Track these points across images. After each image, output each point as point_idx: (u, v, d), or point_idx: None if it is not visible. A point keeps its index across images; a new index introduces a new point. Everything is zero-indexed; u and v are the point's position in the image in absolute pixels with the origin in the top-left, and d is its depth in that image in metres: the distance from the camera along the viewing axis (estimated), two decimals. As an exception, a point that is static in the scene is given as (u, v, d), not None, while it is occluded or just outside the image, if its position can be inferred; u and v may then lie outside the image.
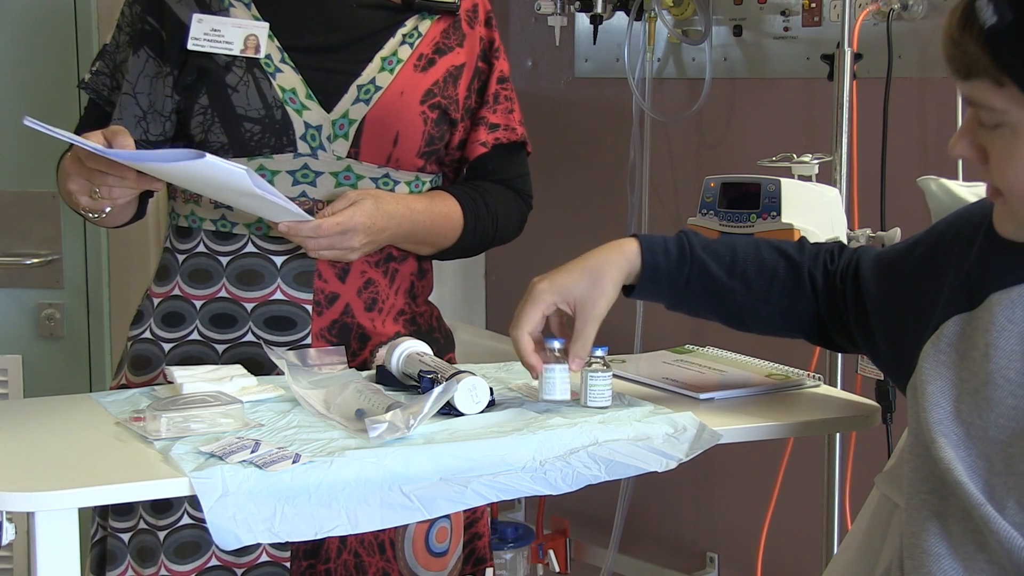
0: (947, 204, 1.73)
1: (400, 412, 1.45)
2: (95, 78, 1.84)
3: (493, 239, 1.93)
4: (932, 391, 1.29)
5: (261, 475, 1.33)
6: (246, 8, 1.78)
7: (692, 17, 3.00)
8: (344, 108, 1.77)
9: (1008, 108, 1.18)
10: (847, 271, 1.54)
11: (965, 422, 1.26)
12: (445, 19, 1.85)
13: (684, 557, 3.20)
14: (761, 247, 1.57)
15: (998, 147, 1.22)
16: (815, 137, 2.76)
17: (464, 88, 1.86)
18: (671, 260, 1.55)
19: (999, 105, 1.19)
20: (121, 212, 1.79)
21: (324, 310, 1.78)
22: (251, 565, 1.73)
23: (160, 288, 1.84)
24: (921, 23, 2.61)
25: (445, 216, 1.84)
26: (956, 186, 1.69)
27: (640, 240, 1.56)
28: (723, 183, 1.86)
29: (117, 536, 1.77)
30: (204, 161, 1.51)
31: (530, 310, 1.55)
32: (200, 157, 1.51)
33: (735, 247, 1.56)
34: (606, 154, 3.27)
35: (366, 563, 1.77)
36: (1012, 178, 1.22)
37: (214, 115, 1.75)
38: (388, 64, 1.80)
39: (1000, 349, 1.25)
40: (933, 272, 1.39)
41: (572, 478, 1.46)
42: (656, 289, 1.57)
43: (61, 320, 2.97)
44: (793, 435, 1.97)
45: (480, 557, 1.94)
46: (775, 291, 1.56)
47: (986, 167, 1.25)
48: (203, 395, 1.52)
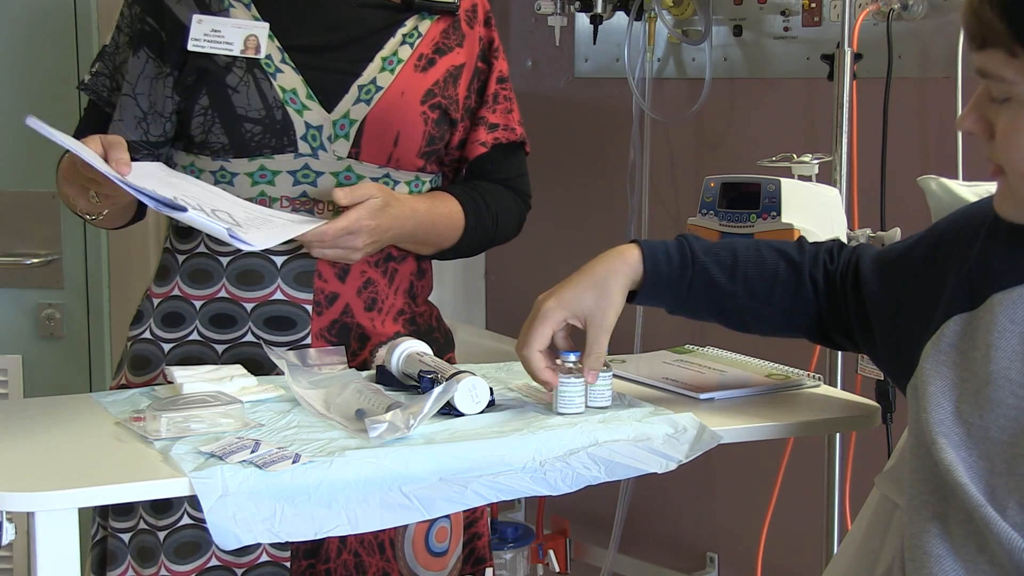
0: (947, 203, 1.73)
1: (400, 412, 1.45)
2: (95, 79, 1.83)
3: (493, 239, 1.93)
4: (933, 391, 1.29)
5: (261, 475, 1.33)
6: (246, 9, 1.78)
7: (692, 17, 3.00)
8: (345, 108, 1.77)
9: (1018, 80, 1.19)
10: (847, 270, 1.54)
11: (966, 422, 1.26)
12: (445, 19, 1.85)
13: (684, 557, 3.20)
14: (761, 249, 1.57)
15: (1004, 121, 1.22)
16: (815, 137, 2.76)
17: (464, 88, 1.86)
18: (673, 266, 1.55)
19: (1010, 76, 1.20)
20: (120, 214, 1.79)
21: (324, 310, 1.78)
22: (251, 565, 1.73)
23: (160, 288, 1.84)
24: (921, 23, 2.61)
25: (447, 217, 1.84)
26: (956, 185, 1.69)
27: (641, 247, 1.56)
28: (723, 183, 1.86)
29: (117, 536, 1.77)
30: (186, 215, 1.53)
31: (539, 328, 1.55)
32: (182, 211, 1.52)
33: (735, 250, 1.56)
34: (606, 154, 3.27)
35: (366, 563, 1.77)
36: (1015, 153, 1.22)
37: (215, 116, 1.74)
38: (389, 64, 1.80)
39: (1001, 350, 1.25)
40: (934, 272, 1.39)
41: (572, 479, 1.46)
42: (659, 295, 1.57)
43: (61, 320, 2.97)
44: (793, 435, 1.96)
45: (480, 557, 1.94)
46: (777, 293, 1.56)
47: (991, 144, 1.25)
48: (203, 395, 1.52)
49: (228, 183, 1.77)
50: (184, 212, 1.53)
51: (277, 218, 1.72)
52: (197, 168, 1.79)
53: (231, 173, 1.77)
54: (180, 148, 1.81)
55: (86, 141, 1.59)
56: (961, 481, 1.23)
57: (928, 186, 1.69)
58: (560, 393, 1.56)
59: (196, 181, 1.76)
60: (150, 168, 1.73)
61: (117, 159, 1.57)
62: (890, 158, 2.52)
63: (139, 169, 1.64)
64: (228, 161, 1.76)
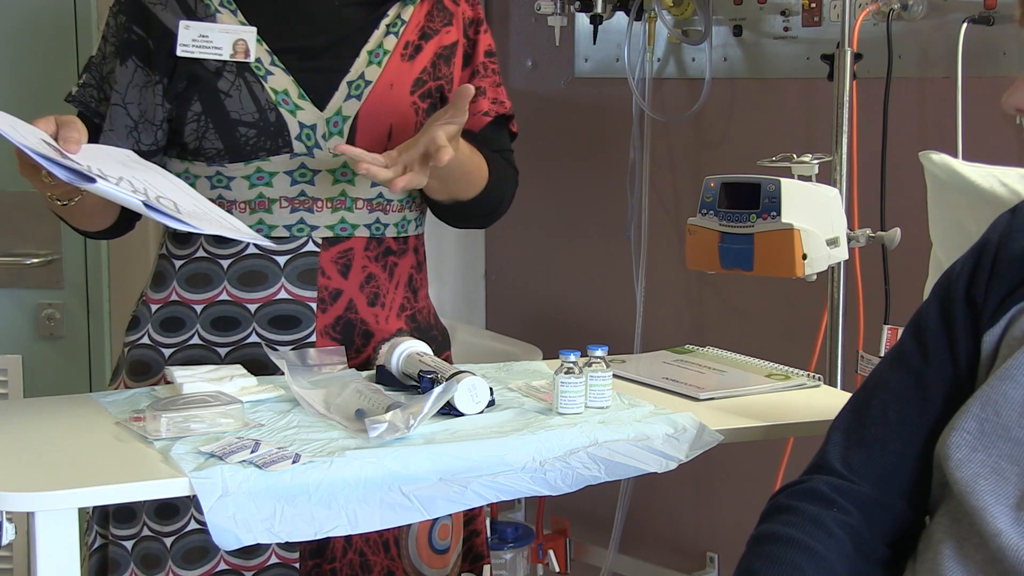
0: (945, 181, 1.72)
1: (400, 412, 1.45)
2: (83, 90, 1.81)
3: (500, 204, 1.91)
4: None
5: (261, 475, 1.33)
6: (232, 14, 1.77)
7: (692, 17, 3.00)
8: (337, 105, 1.77)
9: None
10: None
11: (979, 418, 1.25)
12: (428, 1, 1.85)
13: (684, 557, 3.20)
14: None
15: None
16: (815, 137, 2.76)
17: (459, 68, 1.86)
18: None
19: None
20: (98, 209, 1.73)
21: (328, 307, 1.78)
22: (260, 567, 1.73)
23: (156, 294, 1.82)
24: (921, 23, 2.60)
25: (478, 166, 1.83)
26: (957, 163, 1.68)
27: None
28: (723, 183, 1.85)
29: (119, 544, 1.76)
30: (95, 186, 1.45)
31: None
32: (91, 182, 1.45)
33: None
34: (606, 154, 3.27)
35: (371, 562, 1.77)
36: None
37: (208, 122, 1.74)
38: (375, 57, 1.79)
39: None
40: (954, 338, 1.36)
41: (572, 478, 1.47)
42: None
43: (61, 320, 2.97)
44: (793, 435, 1.97)
45: (478, 554, 1.94)
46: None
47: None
48: (203, 395, 1.53)
49: (225, 187, 1.77)
50: (93, 183, 1.45)
51: (227, 220, 1.66)
52: (192, 174, 1.78)
53: (227, 177, 1.77)
54: (173, 156, 1.80)
55: (38, 122, 1.52)
56: (976, 505, 1.22)
57: (928, 161, 1.68)
58: (560, 393, 1.56)
59: (160, 170, 1.69)
60: (116, 152, 1.65)
61: (65, 137, 1.51)
62: (890, 158, 2.52)
63: (101, 152, 1.58)
64: (224, 166, 1.76)
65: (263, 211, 1.77)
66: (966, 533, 1.23)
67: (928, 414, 1.33)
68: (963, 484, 1.23)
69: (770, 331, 2.87)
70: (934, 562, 1.24)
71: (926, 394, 1.34)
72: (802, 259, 1.77)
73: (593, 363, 1.60)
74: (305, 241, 1.78)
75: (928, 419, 1.33)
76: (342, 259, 1.79)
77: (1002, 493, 1.21)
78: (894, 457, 1.33)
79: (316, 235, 1.78)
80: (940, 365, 1.34)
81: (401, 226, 1.85)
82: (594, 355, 1.60)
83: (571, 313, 3.39)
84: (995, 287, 1.33)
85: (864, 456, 1.34)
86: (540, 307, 3.48)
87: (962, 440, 1.25)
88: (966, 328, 1.33)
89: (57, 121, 1.53)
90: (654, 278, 3.12)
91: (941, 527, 1.26)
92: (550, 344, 2.79)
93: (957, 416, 1.27)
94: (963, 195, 1.78)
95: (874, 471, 1.33)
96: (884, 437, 1.33)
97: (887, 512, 1.31)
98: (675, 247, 3.10)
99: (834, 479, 1.34)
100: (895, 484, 1.32)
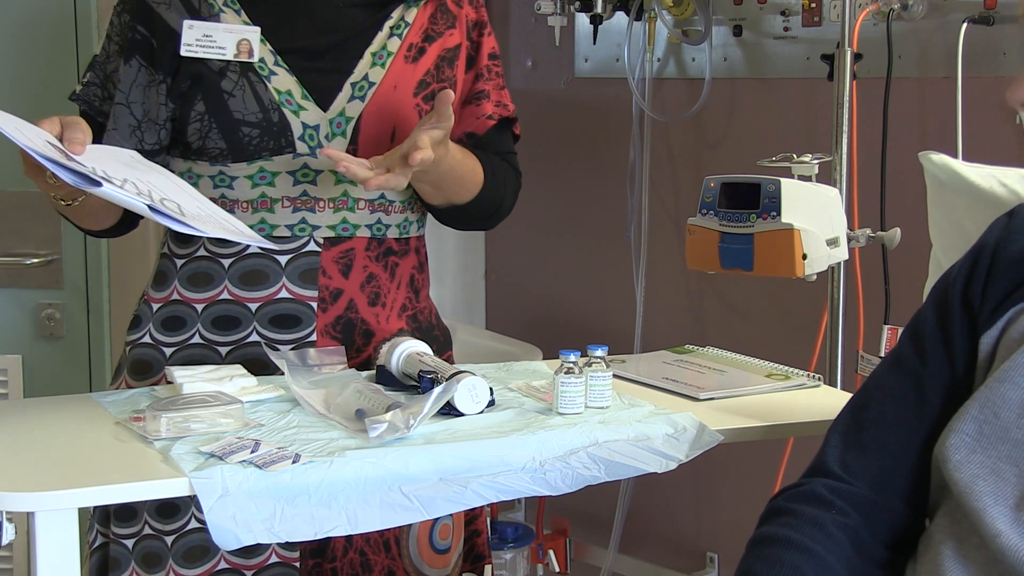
0: (945, 182, 1.72)
1: (400, 412, 1.45)
2: (86, 89, 1.81)
3: (499, 207, 1.91)
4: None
5: (261, 475, 1.33)
6: (236, 14, 1.77)
7: (692, 17, 3.00)
8: (340, 106, 1.77)
9: None
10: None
11: (978, 420, 1.26)
12: (431, 3, 1.85)
13: (684, 557, 3.20)
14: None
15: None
16: (815, 137, 2.76)
17: (463, 69, 1.86)
18: None
19: None
20: (100, 209, 1.72)
21: (329, 306, 1.78)
22: (261, 567, 1.73)
23: (157, 293, 1.83)
24: (921, 23, 2.61)
25: (472, 171, 1.83)
26: (956, 164, 1.68)
27: None
28: (723, 183, 1.85)
29: (120, 542, 1.76)
30: (100, 189, 1.45)
31: None
32: (97, 186, 1.45)
33: None
34: (606, 154, 3.27)
35: (372, 561, 1.77)
36: None
37: (212, 121, 1.74)
38: (379, 59, 1.80)
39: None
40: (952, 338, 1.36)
41: (572, 479, 1.47)
42: None
43: (61, 320, 2.98)
44: (793, 435, 1.97)
45: (479, 554, 1.94)
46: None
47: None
48: (203, 395, 1.53)
49: (228, 187, 1.77)
50: (99, 187, 1.45)
51: (230, 222, 1.66)
52: (195, 173, 1.78)
53: (230, 177, 1.77)
54: (176, 155, 1.80)
55: (42, 123, 1.52)
56: (974, 507, 1.22)
57: (927, 161, 1.68)
58: (560, 393, 1.56)
59: (163, 171, 1.70)
60: (120, 153, 1.66)
61: (70, 138, 1.51)
62: (890, 158, 2.52)
63: (105, 152, 1.59)
64: (227, 165, 1.76)
65: (265, 211, 1.77)
66: (966, 534, 1.23)
67: (926, 416, 1.33)
68: (962, 485, 1.23)
69: (770, 331, 2.87)
70: (934, 563, 1.24)
71: (924, 396, 1.34)
72: (802, 259, 1.77)
73: (593, 363, 1.60)
74: (307, 241, 1.78)
75: (926, 421, 1.33)
76: (343, 259, 1.79)
77: (1001, 494, 1.21)
78: (892, 459, 1.33)
79: (318, 235, 1.78)
80: (938, 368, 1.34)
81: (403, 227, 1.85)
82: (594, 355, 1.60)
83: (571, 313, 3.39)
84: (992, 289, 1.33)
85: (862, 458, 1.34)
86: (540, 307, 3.48)
87: (961, 442, 1.25)
88: (963, 330, 1.34)
89: (62, 122, 1.54)
90: (654, 278, 3.12)
91: (941, 528, 1.26)
92: (550, 344, 2.79)
93: (955, 418, 1.27)
94: (963, 195, 1.78)
95: (872, 473, 1.33)
96: (882, 439, 1.34)
97: (886, 514, 1.32)
98: (675, 247, 3.10)
99: (832, 482, 1.34)
100: (893, 486, 1.32)
